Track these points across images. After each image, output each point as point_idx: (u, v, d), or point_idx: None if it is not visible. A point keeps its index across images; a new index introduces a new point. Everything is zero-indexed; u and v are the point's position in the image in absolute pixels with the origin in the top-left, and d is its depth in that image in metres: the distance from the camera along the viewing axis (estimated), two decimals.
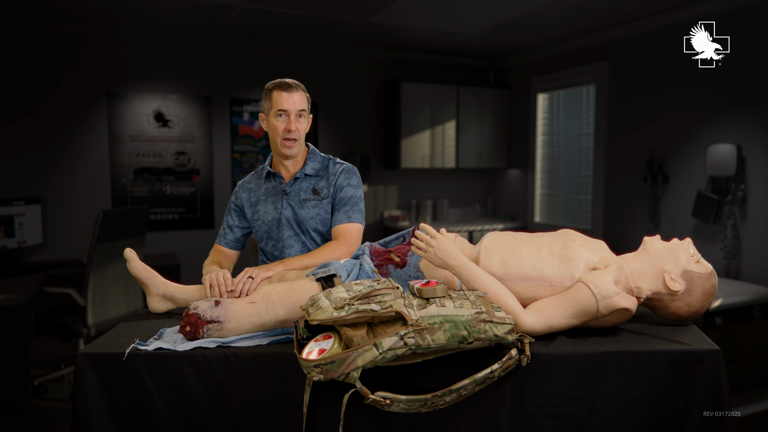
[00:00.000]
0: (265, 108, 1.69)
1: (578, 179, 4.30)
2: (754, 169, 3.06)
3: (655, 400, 1.11)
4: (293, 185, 1.70)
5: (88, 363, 1.11)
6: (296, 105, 1.64)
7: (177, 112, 4.11)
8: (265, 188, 1.73)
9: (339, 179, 1.70)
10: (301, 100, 1.65)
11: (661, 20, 3.48)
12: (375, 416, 1.09)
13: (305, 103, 1.68)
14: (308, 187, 1.70)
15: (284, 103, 1.63)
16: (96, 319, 2.88)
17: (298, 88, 1.66)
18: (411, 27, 3.85)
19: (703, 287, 1.24)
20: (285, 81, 1.65)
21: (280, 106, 1.63)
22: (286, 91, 1.64)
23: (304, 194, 1.69)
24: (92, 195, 3.91)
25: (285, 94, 1.63)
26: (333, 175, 1.71)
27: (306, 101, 1.68)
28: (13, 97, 3.65)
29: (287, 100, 1.63)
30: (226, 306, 1.20)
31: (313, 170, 1.72)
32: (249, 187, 1.77)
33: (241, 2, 3.25)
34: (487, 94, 4.85)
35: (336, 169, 1.72)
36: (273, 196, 1.72)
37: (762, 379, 2.70)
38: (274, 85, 1.66)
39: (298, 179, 1.71)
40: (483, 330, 1.04)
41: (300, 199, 1.68)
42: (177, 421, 1.12)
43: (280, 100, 1.63)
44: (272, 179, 1.74)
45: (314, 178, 1.72)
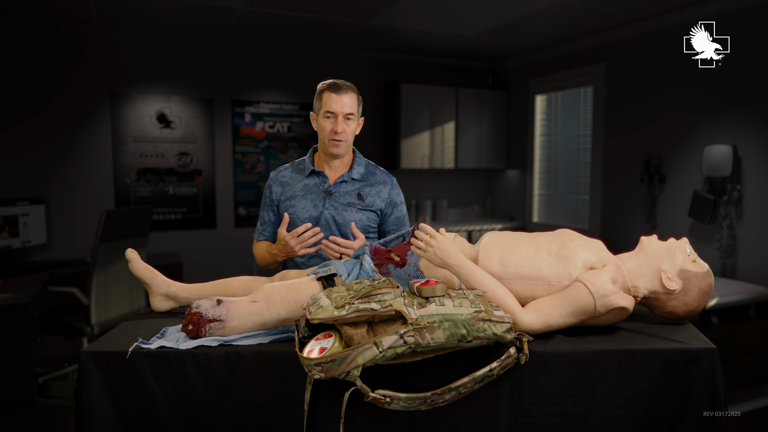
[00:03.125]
0: (315, 108, 1.69)
1: (576, 180, 4.31)
2: (749, 169, 3.07)
3: (651, 398, 1.12)
4: (338, 187, 1.70)
5: (92, 361, 1.11)
6: (345, 107, 1.63)
7: (179, 114, 4.12)
8: (305, 184, 1.72)
9: (392, 194, 1.74)
10: (351, 102, 1.64)
11: (657, 22, 3.49)
12: (375, 414, 1.10)
13: (355, 106, 1.66)
14: (354, 191, 1.71)
15: (333, 104, 1.62)
16: (99, 318, 2.90)
17: (349, 90, 1.65)
18: (411, 29, 3.86)
19: (700, 286, 1.26)
20: (336, 82, 1.64)
21: (329, 107, 1.63)
22: (335, 93, 1.63)
23: (348, 198, 1.69)
24: (96, 195, 3.92)
25: (334, 96, 1.63)
26: (382, 184, 1.74)
27: (356, 104, 1.67)
28: (18, 99, 3.67)
29: (336, 101, 1.62)
30: (228, 305, 1.21)
31: (359, 175, 1.73)
32: (284, 181, 1.75)
33: (243, 5, 3.27)
34: (486, 95, 4.86)
35: (384, 178, 1.76)
36: (313, 194, 1.70)
37: (757, 377, 2.71)
38: (325, 86, 1.65)
39: (344, 182, 1.71)
40: (482, 329, 1.05)
41: (344, 203, 1.68)
42: (179, 419, 1.12)
43: (329, 101, 1.63)
44: (315, 177, 1.72)
45: (359, 183, 1.72)
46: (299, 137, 4.51)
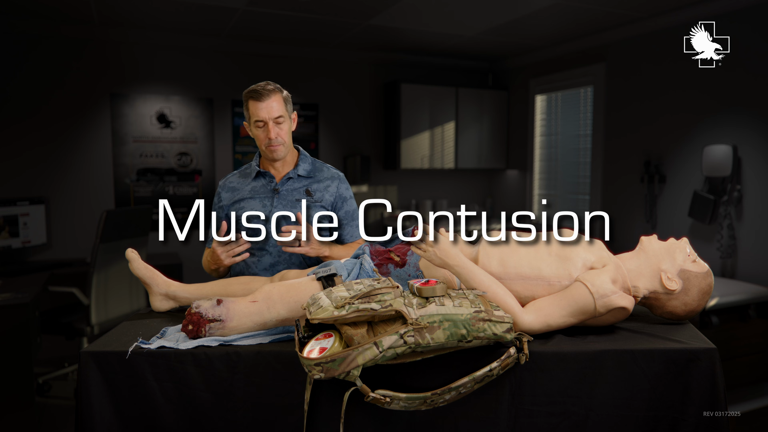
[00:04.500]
0: (246, 116, 1.68)
1: (576, 180, 4.32)
2: (749, 169, 3.07)
3: (651, 398, 1.12)
4: (285, 185, 1.71)
5: (92, 361, 1.12)
6: (272, 112, 1.61)
7: (179, 114, 4.13)
8: (252, 187, 1.72)
9: (341, 189, 1.73)
10: (278, 105, 1.62)
11: (657, 22, 3.49)
12: (375, 414, 1.10)
13: (282, 107, 1.64)
14: (301, 188, 1.71)
15: (260, 112, 1.61)
16: (99, 318, 2.90)
17: (272, 93, 1.62)
18: (410, 29, 3.86)
19: (700, 286, 1.26)
20: (257, 89, 1.61)
21: (257, 116, 1.62)
22: (259, 101, 1.61)
23: (297, 194, 1.69)
24: (96, 195, 3.92)
25: (259, 104, 1.61)
26: (330, 179, 1.73)
27: (283, 104, 1.64)
28: (18, 99, 3.67)
29: (262, 109, 1.61)
30: (228, 305, 1.21)
31: (305, 171, 1.72)
32: (231, 186, 1.75)
33: (243, 5, 3.27)
34: (486, 95, 4.86)
35: (332, 173, 1.75)
36: (261, 195, 1.70)
37: (757, 377, 2.71)
38: (248, 95, 1.63)
39: (290, 179, 1.71)
40: (482, 329, 1.05)
41: (293, 199, 1.68)
42: (179, 418, 1.12)
43: (256, 110, 1.61)
44: (261, 178, 1.72)
45: (307, 180, 1.72)
46: (299, 137, 4.51)
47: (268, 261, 1.67)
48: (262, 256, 1.68)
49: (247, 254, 1.58)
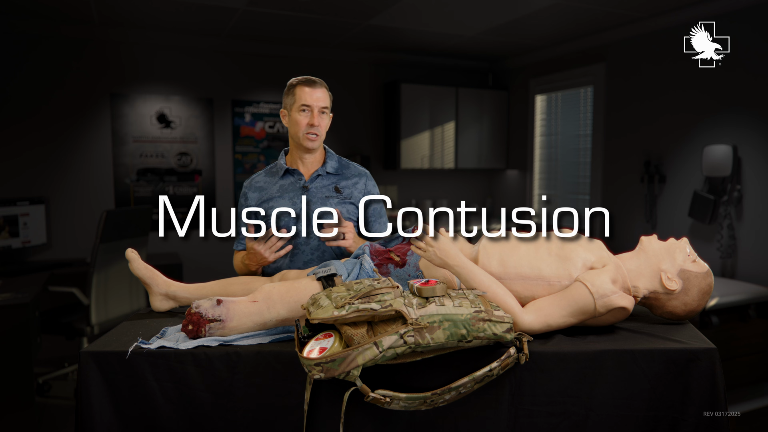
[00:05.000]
0: (287, 104, 1.69)
1: (576, 180, 4.32)
2: (749, 169, 3.07)
3: (651, 398, 1.12)
4: (314, 182, 1.71)
5: (92, 361, 1.12)
6: (319, 101, 1.65)
7: (179, 114, 4.13)
8: (280, 185, 1.72)
9: (369, 186, 1.75)
10: (324, 96, 1.67)
11: (657, 22, 3.50)
12: (375, 414, 1.10)
13: (328, 101, 1.68)
14: (330, 185, 1.71)
15: (307, 98, 1.64)
16: (99, 318, 2.90)
17: (322, 85, 1.67)
18: (410, 29, 3.86)
19: (700, 286, 1.26)
20: (309, 77, 1.67)
21: (304, 101, 1.64)
22: (309, 87, 1.65)
23: (326, 191, 1.70)
24: (96, 195, 3.92)
25: (308, 89, 1.64)
26: (357, 176, 1.75)
27: (329, 99, 1.69)
28: (18, 99, 3.67)
29: (310, 95, 1.64)
30: (228, 305, 1.21)
31: (333, 168, 1.73)
32: (258, 186, 1.75)
33: (243, 5, 3.27)
34: (486, 95, 4.86)
35: (359, 170, 1.76)
36: (290, 193, 1.70)
37: (757, 377, 2.71)
38: (297, 81, 1.67)
39: (320, 176, 1.72)
40: (482, 328, 1.05)
41: (322, 197, 1.69)
42: (179, 419, 1.12)
43: (303, 95, 1.64)
44: (289, 176, 1.73)
45: (335, 177, 1.73)
46: None
47: (301, 259, 1.67)
48: (295, 254, 1.68)
49: (290, 246, 1.60)
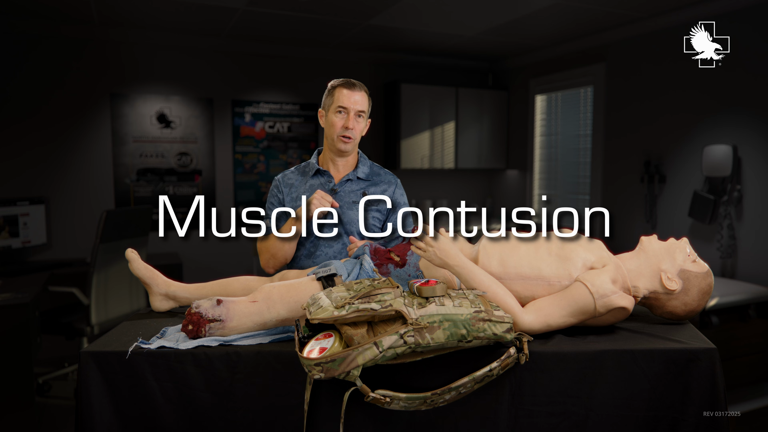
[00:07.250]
0: (325, 104, 1.70)
1: (576, 180, 4.32)
2: (749, 169, 3.07)
3: (651, 398, 1.12)
4: (343, 186, 1.71)
5: (92, 361, 1.12)
6: (357, 105, 1.65)
7: (179, 114, 4.13)
8: (310, 184, 1.72)
9: (396, 194, 1.75)
10: (362, 100, 1.66)
11: (657, 22, 3.50)
12: (375, 414, 1.10)
13: (366, 105, 1.68)
14: (359, 190, 1.71)
15: (345, 100, 1.64)
16: (99, 318, 2.90)
17: (361, 89, 1.67)
18: (410, 29, 3.86)
19: (700, 286, 1.26)
20: (349, 80, 1.67)
21: (341, 103, 1.64)
22: (348, 89, 1.65)
23: (354, 196, 1.70)
24: (96, 195, 3.92)
25: (347, 92, 1.65)
26: (387, 184, 1.75)
27: (367, 103, 1.69)
28: (18, 99, 3.67)
29: (348, 97, 1.64)
30: (228, 305, 1.21)
31: (364, 174, 1.73)
32: (290, 183, 1.75)
33: (243, 5, 3.27)
34: (486, 95, 4.86)
35: (389, 178, 1.77)
36: None
37: (757, 377, 2.72)
38: (338, 83, 1.67)
39: (349, 180, 1.72)
40: (482, 329, 1.05)
41: (350, 201, 1.69)
42: (179, 419, 1.12)
43: (341, 97, 1.65)
44: (319, 176, 1.73)
45: (365, 182, 1.73)
46: (299, 137, 4.51)
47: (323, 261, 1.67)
48: (317, 256, 1.68)
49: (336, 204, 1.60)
